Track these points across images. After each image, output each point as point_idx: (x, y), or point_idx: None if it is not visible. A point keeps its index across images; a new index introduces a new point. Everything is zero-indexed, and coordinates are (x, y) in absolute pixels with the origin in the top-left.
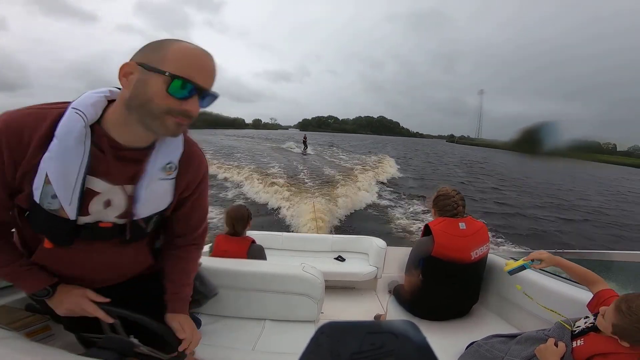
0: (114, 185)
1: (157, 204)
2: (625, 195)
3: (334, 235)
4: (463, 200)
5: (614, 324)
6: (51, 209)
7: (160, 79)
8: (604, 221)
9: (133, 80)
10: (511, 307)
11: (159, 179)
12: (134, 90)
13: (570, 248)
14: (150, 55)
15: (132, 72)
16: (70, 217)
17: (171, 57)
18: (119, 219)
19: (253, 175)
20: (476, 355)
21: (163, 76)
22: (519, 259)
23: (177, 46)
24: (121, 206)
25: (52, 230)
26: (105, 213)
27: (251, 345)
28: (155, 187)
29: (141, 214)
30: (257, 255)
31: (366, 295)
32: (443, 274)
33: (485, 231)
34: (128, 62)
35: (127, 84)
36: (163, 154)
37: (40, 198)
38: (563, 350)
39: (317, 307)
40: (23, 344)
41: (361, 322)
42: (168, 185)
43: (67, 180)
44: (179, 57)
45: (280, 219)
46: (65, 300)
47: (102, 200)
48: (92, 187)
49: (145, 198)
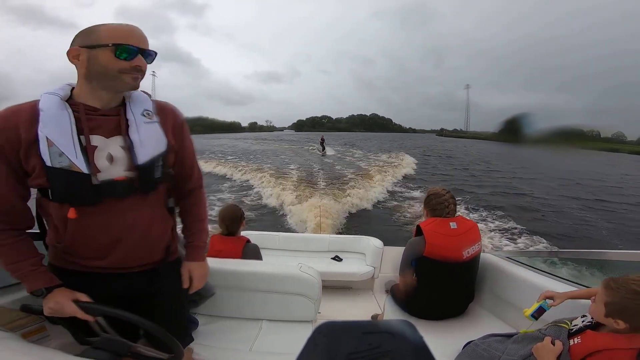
0: (107, 138)
1: (154, 146)
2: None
3: (331, 235)
4: (454, 199)
5: (606, 302)
6: (63, 166)
7: (107, 50)
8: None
9: (84, 60)
10: (506, 306)
11: (144, 123)
12: (88, 66)
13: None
14: (87, 38)
15: (78, 54)
16: (83, 169)
17: (106, 34)
18: (129, 172)
19: (265, 175)
20: (473, 355)
21: (108, 47)
22: (513, 258)
23: (107, 26)
24: (123, 157)
25: (74, 190)
26: (114, 168)
27: (248, 346)
28: (145, 131)
29: (143, 158)
30: (252, 255)
31: (363, 295)
32: (436, 273)
33: (476, 230)
34: (71, 47)
35: (81, 63)
36: (136, 105)
37: (50, 160)
38: (560, 349)
39: (314, 307)
40: (19, 345)
41: (358, 322)
42: (156, 127)
43: (66, 137)
44: (112, 32)
45: (283, 219)
46: (51, 299)
47: (103, 154)
48: (91, 142)
49: (140, 141)
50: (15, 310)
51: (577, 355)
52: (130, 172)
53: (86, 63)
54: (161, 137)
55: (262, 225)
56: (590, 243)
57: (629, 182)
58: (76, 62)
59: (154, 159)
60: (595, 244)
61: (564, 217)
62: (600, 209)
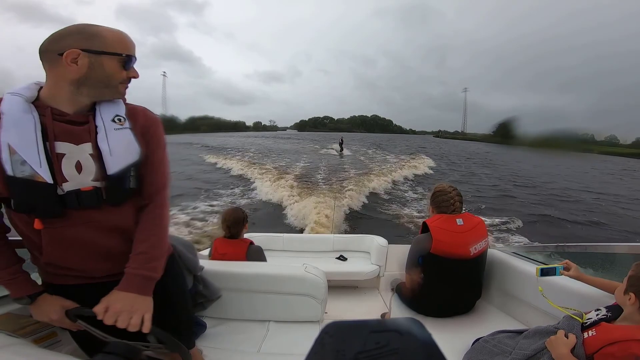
0: (75, 145)
1: (125, 155)
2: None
3: (335, 235)
4: (460, 196)
5: (630, 275)
6: (26, 176)
7: (115, 59)
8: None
9: (84, 65)
10: (515, 302)
11: (115, 129)
12: (88, 72)
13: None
14: (90, 42)
15: (77, 57)
16: (47, 179)
17: (113, 42)
18: (97, 182)
19: (268, 175)
20: (483, 351)
21: (118, 57)
22: (521, 253)
23: (109, 31)
24: (92, 166)
25: (38, 201)
26: (82, 178)
27: (256, 347)
28: (116, 138)
29: (113, 168)
30: (257, 257)
31: (369, 294)
32: (443, 270)
33: (483, 226)
34: (71, 50)
35: (77, 68)
36: (106, 111)
37: (12, 169)
38: (574, 342)
39: (320, 307)
40: (30, 351)
41: (365, 321)
42: (128, 134)
43: (29, 144)
44: (119, 40)
45: (287, 218)
46: (36, 307)
47: (71, 162)
48: (56, 150)
49: (110, 150)
50: (26, 316)
51: (591, 348)
52: (99, 182)
53: (86, 69)
54: (133, 145)
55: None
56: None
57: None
58: (73, 66)
59: (126, 169)
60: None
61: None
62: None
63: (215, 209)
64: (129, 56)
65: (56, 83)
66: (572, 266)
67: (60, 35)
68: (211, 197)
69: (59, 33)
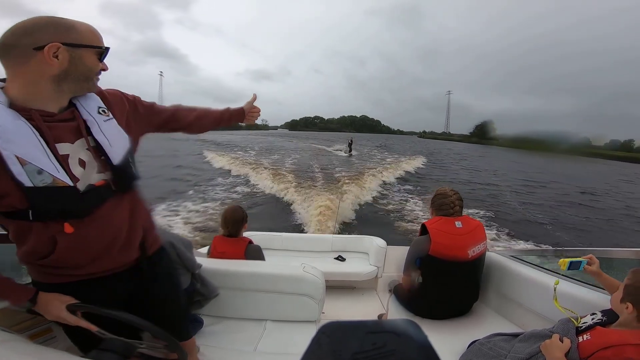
0: (71, 143)
1: (121, 143)
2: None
3: (334, 235)
4: (460, 200)
5: (626, 284)
6: (47, 184)
7: (92, 52)
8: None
9: (65, 59)
10: (511, 305)
11: (104, 121)
12: (69, 67)
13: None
14: (66, 35)
15: (56, 51)
16: (68, 182)
17: (87, 34)
18: (104, 175)
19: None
20: (479, 354)
21: (96, 49)
22: (518, 257)
23: (81, 24)
24: (93, 161)
25: (65, 206)
26: (90, 174)
27: (253, 346)
28: (107, 130)
29: (115, 158)
30: (255, 256)
31: (367, 294)
32: (441, 272)
33: (481, 229)
34: (52, 43)
35: (58, 62)
36: (88, 104)
37: (30, 180)
38: (568, 346)
39: (318, 307)
40: (26, 346)
41: (362, 322)
42: (115, 124)
43: (38, 151)
44: (92, 33)
45: (290, 215)
46: (42, 310)
47: (75, 161)
48: (61, 152)
49: (107, 142)
50: (22, 312)
51: (586, 352)
52: (104, 174)
53: (67, 63)
54: (122, 133)
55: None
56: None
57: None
58: (55, 61)
59: (126, 156)
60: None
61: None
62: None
63: (215, 210)
64: (107, 48)
65: (32, 81)
66: (596, 262)
67: (31, 27)
68: (211, 196)
69: (24, 26)
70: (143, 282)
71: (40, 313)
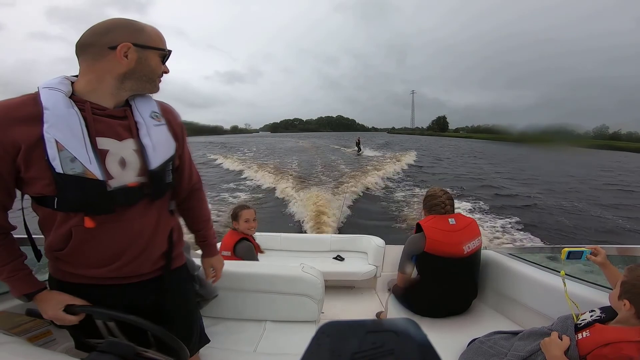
0: (118, 140)
1: (164, 149)
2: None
3: (333, 234)
4: (451, 200)
5: (623, 281)
6: (77, 173)
7: (157, 54)
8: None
9: (133, 59)
10: (510, 303)
11: (154, 126)
12: (136, 66)
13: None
14: (138, 37)
15: (127, 51)
16: (98, 176)
17: (155, 37)
18: (140, 178)
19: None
20: (479, 352)
21: (160, 52)
22: (516, 255)
23: (149, 27)
24: (135, 162)
25: (90, 199)
26: (127, 174)
27: (252, 347)
28: (156, 134)
29: (155, 162)
30: (244, 253)
31: (366, 294)
32: (438, 269)
33: (475, 226)
34: (124, 43)
35: (127, 61)
36: (143, 107)
37: (61, 166)
38: (567, 343)
39: (317, 307)
40: (25, 349)
41: (362, 321)
42: (165, 130)
43: (78, 140)
44: (159, 36)
45: (290, 214)
46: (43, 307)
47: (115, 159)
48: (101, 146)
49: (152, 145)
50: (21, 314)
51: (585, 349)
52: (142, 177)
53: (134, 63)
54: (170, 141)
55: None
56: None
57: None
58: (125, 60)
59: (165, 163)
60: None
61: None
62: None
63: (213, 211)
64: (170, 51)
65: (99, 77)
66: (601, 252)
67: (106, 28)
68: (211, 197)
69: (102, 27)
70: (160, 296)
71: (39, 313)
